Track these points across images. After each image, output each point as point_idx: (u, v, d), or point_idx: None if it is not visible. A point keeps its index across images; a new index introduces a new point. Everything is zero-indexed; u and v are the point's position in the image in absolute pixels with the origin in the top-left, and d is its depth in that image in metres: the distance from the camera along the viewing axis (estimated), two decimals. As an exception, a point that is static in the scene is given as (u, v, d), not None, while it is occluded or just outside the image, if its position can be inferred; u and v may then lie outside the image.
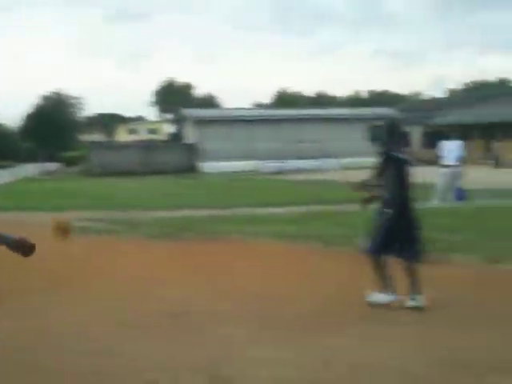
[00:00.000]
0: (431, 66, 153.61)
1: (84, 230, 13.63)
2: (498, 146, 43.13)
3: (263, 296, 8.23)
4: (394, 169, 7.64)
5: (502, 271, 9.30)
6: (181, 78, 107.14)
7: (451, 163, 18.30)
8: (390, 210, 7.54)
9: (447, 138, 19.33)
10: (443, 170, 18.47)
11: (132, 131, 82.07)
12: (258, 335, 6.57)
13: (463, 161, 18.58)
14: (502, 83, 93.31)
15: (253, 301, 8.00)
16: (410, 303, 7.38)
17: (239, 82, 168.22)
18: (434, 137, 41.05)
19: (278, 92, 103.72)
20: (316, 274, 9.53)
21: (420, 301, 7.37)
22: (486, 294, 8.12)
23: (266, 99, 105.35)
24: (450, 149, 18.48)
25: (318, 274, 9.56)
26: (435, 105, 64.46)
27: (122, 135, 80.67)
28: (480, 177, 28.42)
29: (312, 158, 42.98)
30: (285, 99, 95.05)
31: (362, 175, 8.25)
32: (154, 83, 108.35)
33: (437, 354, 5.88)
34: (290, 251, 11.50)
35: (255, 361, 5.76)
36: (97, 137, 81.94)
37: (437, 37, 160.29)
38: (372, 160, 8.69)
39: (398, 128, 8.16)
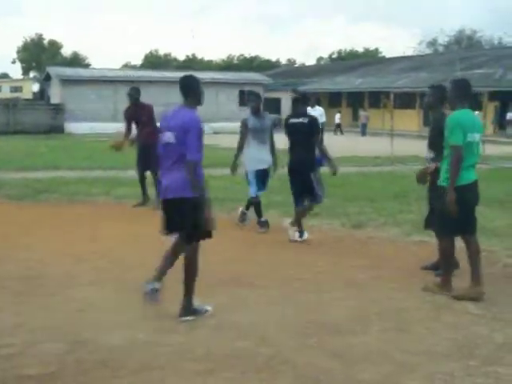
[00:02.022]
0: (304, 34, 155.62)
1: None
2: (364, 114, 44.48)
3: (123, 259, 8.11)
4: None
5: (360, 236, 9.61)
6: (48, 35, 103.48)
7: None
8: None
9: (308, 105, 19.60)
10: None
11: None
12: (116, 298, 6.48)
13: (323, 127, 19.01)
14: (370, 53, 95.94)
15: (112, 264, 7.87)
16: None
17: (110, 42, 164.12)
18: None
19: (149, 53, 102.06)
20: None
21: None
22: (343, 258, 8.38)
23: (138, 61, 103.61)
24: None
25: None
26: (306, 72, 65.57)
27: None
28: (345, 144, 29.25)
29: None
30: (154, 61, 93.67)
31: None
32: (19, 39, 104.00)
33: (294, 316, 6.03)
34: (154, 213, 11.38)
35: (113, 324, 5.68)
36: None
37: (311, 5, 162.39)
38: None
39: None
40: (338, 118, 43.96)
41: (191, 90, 5.93)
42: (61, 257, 8.17)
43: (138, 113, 12.23)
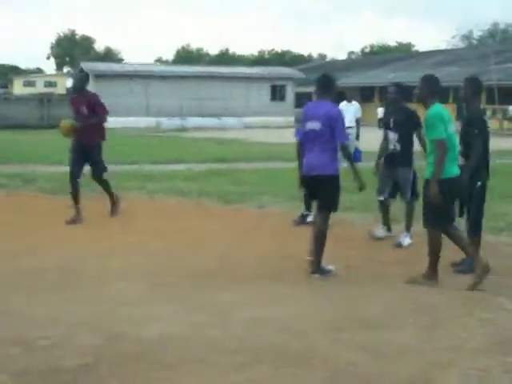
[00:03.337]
0: (335, 28, 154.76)
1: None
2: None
3: (157, 253, 8.17)
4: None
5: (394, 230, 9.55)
6: (81, 31, 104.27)
7: (347, 124, 18.53)
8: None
9: (344, 99, 19.49)
10: None
11: (28, 83, 79.30)
12: (150, 292, 6.52)
13: (359, 122, 18.87)
14: (403, 47, 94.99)
15: (145, 258, 7.93)
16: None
17: (142, 36, 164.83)
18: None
19: (181, 48, 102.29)
20: (212, 232, 9.52)
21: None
22: (375, 252, 8.34)
23: (169, 55, 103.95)
24: (346, 110, 18.69)
25: (215, 231, 9.56)
26: (338, 66, 65.24)
27: (18, 87, 77.72)
28: (377, 138, 29.05)
29: (213, 115, 42.81)
30: (186, 56, 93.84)
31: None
32: (52, 35, 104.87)
33: (326, 311, 6.02)
34: (187, 208, 11.47)
35: (147, 318, 5.71)
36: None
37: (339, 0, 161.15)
38: (274, 119, 9.20)
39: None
40: (380, 112, 43.56)
41: (331, 87, 7.33)
42: (94, 250, 8.26)
43: (79, 103, 10.35)
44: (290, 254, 8.14)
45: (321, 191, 7.16)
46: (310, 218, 9.90)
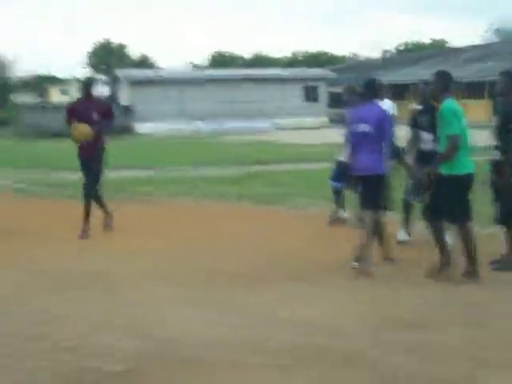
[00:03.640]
0: (367, 27, 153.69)
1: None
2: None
3: (184, 255, 8.20)
4: None
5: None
6: (115, 39, 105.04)
7: None
8: None
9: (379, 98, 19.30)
10: None
11: (65, 92, 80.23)
12: (180, 294, 6.51)
13: (394, 121, 18.68)
14: (437, 44, 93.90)
15: (173, 260, 7.98)
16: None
17: (175, 42, 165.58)
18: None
19: (215, 53, 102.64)
20: (244, 233, 9.49)
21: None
22: (410, 252, 8.22)
23: (203, 60, 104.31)
24: None
25: (246, 232, 9.52)
26: (371, 65, 64.86)
27: (55, 96, 78.66)
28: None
29: (248, 118, 42.82)
30: (220, 60, 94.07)
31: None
32: (89, 44, 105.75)
33: (366, 311, 5.94)
34: (221, 211, 11.48)
35: (182, 321, 5.70)
36: (29, 97, 79.71)
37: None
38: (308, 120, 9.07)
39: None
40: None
41: (377, 90, 7.72)
42: (121, 254, 8.35)
43: (88, 109, 9.73)
44: (324, 256, 8.05)
45: (369, 190, 7.37)
46: (344, 215, 9.87)
